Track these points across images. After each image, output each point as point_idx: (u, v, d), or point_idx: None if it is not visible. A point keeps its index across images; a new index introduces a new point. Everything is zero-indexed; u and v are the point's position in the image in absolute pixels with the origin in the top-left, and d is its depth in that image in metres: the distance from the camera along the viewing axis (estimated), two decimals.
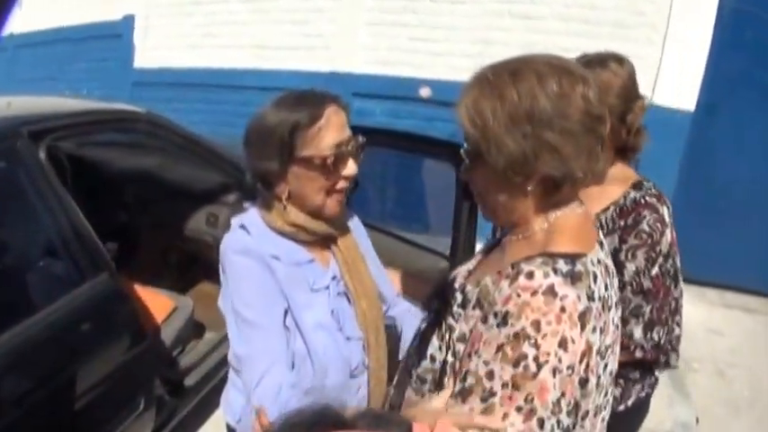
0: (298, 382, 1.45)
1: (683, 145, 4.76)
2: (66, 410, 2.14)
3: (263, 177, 1.48)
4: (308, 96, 1.47)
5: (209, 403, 2.98)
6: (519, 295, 1.05)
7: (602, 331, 1.08)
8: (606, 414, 1.19)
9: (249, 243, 1.46)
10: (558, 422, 1.01)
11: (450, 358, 1.18)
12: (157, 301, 2.82)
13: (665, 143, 4.24)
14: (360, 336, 1.57)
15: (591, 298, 1.07)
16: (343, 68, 5.80)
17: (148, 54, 6.88)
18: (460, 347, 1.16)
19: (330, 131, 1.44)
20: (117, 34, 7.06)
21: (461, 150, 1.20)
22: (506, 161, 1.10)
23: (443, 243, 2.72)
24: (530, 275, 1.06)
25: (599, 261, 1.15)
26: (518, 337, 1.02)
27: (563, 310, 1.02)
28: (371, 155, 1.61)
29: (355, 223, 1.73)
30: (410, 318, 1.76)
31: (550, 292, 1.04)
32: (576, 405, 1.04)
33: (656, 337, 1.71)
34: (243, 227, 1.49)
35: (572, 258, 1.10)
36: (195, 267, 3.48)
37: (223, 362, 2.81)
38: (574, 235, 1.16)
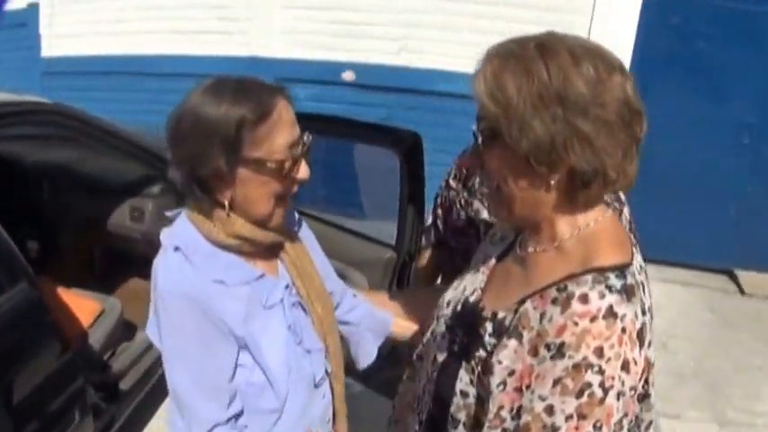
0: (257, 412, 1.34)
1: None
2: None
3: (202, 180, 1.26)
4: (252, 86, 1.27)
5: (150, 406, 2.89)
6: (576, 323, 0.97)
7: (651, 342, 1.04)
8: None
9: (184, 277, 1.27)
10: None
11: (485, 393, 1.09)
12: (83, 305, 2.68)
13: None
14: (320, 346, 1.46)
15: (644, 311, 1.01)
16: (262, 53, 5.66)
17: (56, 42, 6.53)
18: (498, 381, 1.06)
19: (283, 130, 1.26)
20: (21, 23, 6.68)
21: (476, 128, 1.09)
22: (530, 145, 1.00)
23: (383, 229, 2.71)
24: (584, 299, 0.98)
25: (641, 267, 1.08)
26: (579, 367, 0.96)
27: (624, 330, 0.97)
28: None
29: (296, 217, 1.58)
30: (374, 323, 1.69)
31: (610, 313, 0.97)
32: (637, 418, 1.02)
33: None
34: (178, 249, 1.28)
35: (621, 270, 1.02)
36: (121, 265, 3.32)
37: (159, 361, 2.64)
38: (614, 242, 1.08)
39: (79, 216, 3.16)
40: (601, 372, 0.95)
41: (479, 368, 1.11)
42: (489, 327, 1.12)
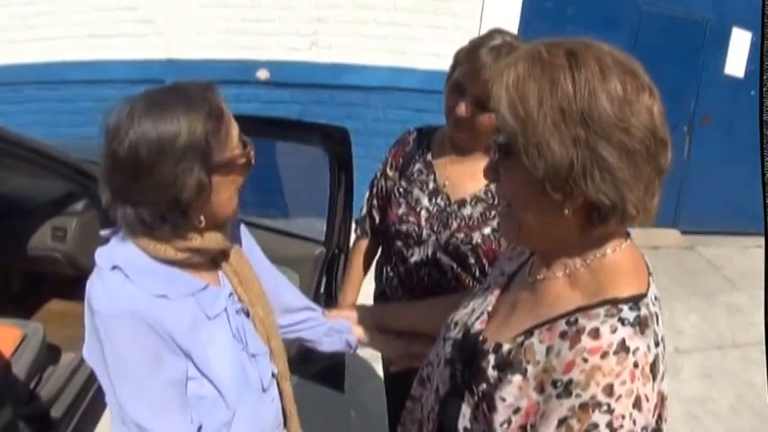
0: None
1: None
2: None
3: (184, 204, 1.06)
4: (189, 90, 1.09)
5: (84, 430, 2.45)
6: (586, 360, 0.81)
7: (664, 375, 0.86)
8: None
9: (125, 296, 1.06)
10: None
11: (488, 430, 0.91)
12: (2, 334, 2.23)
13: None
14: (265, 349, 1.29)
15: (657, 343, 0.85)
16: (178, 55, 5.10)
17: None
18: (502, 419, 0.89)
19: (232, 123, 1.14)
20: None
21: (495, 141, 0.89)
22: (547, 169, 0.81)
23: (310, 226, 2.49)
24: (595, 334, 0.82)
25: (656, 297, 0.90)
26: (586, 407, 0.79)
27: (636, 365, 0.80)
28: None
29: (237, 225, 1.38)
30: (334, 340, 1.54)
31: (622, 348, 0.81)
32: None
33: None
34: (116, 267, 1.08)
35: (635, 302, 0.86)
36: (41, 287, 2.87)
37: (89, 383, 2.32)
38: (630, 272, 0.90)
39: None
40: (609, 411, 0.78)
41: (483, 404, 0.93)
42: (492, 359, 0.94)
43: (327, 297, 2.40)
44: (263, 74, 4.98)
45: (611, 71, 0.81)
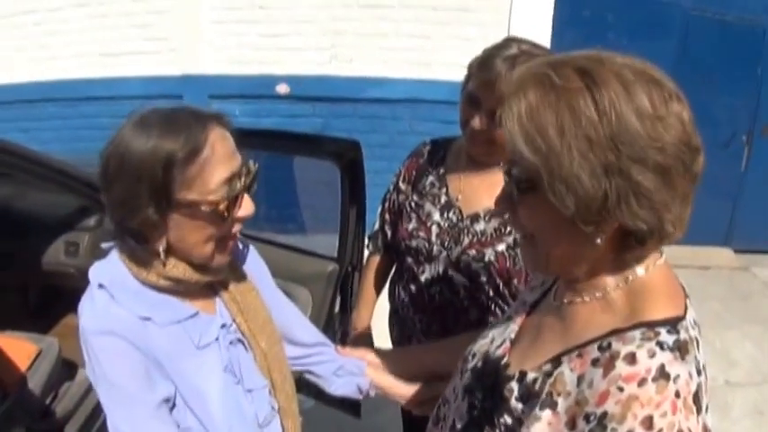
0: None
1: None
2: None
3: (134, 230, 1.10)
4: (182, 117, 1.08)
5: None
6: (621, 389, 0.77)
7: (708, 407, 0.83)
8: None
9: (110, 315, 1.10)
10: None
11: None
12: (18, 348, 2.40)
13: None
14: (263, 384, 1.29)
15: (699, 371, 0.81)
16: (194, 71, 5.37)
17: None
18: None
19: (217, 167, 1.08)
20: None
21: (506, 171, 0.88)
22: (578, 204, 0.79)
23: (323, 242, 2.58)
24: (631, 359, 0.79)
25: (695, 321, 0.88)
26: None
27: (677, 395, 0.76)
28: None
29: (242, 248, 1.39)
30: (340, 383, 1.51)
31: (662, 374, 0.77)
32: None
33: None
34: (102, 287, 1.12)
35: (674, 324, 0.83)
36: (57, 302, 3.03)
37: None
38: (666, 294, 0.88)
39: (11, 255, 2.86)
40: None
41: None
42: (516, 388, 0.91)
43: (342, 316, 2.50)
44: (282, 88, 5.19)
45: (634, 86, 0.79)
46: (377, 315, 2.15)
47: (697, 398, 0.78)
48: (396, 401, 1.54)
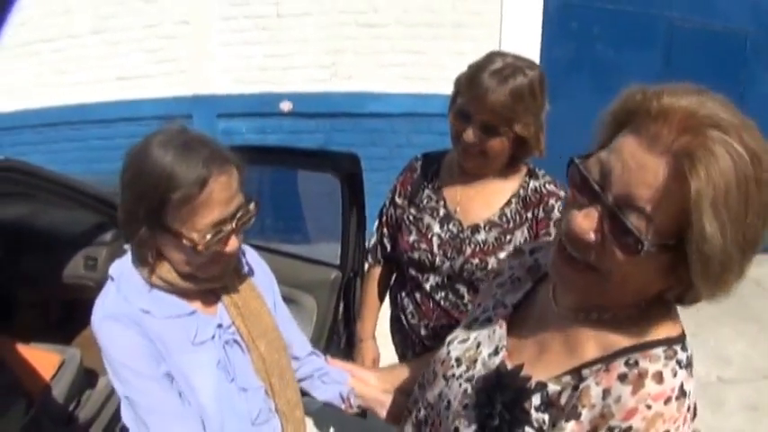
0: None
1: None
2: None
3: (132, 235, 1.19)
4: (195, 152, 1.13)
5: None
6: (649, 407, 0.79)
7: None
8: None
9: (115, 302, 1.20)
10: None
11: None
12: (43, 359, 2.47)
13: None
14: (258, 385, 1.33)
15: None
16: (203, 91, 5.43)
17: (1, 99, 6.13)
18: None
19: (208, 212, 1.13)
20: None
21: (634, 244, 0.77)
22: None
23: (326, 251, 2.61)
24: (659, 378, 0.80)
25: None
26: None
27: (689, 409, 0.82)
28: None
29: (248, 257, 1.43)
30: (323, 388, 1.54)
31: (682, 393, 0.81)
32: None
33: None
34: (112, 278, 1.25)
35: (684, 342, 0.86)
36: (78, 314, 3.06)
37: None
38: (671, 308, 0.89)
39: (34, 271, 2.91)
40: None
41: None
42: (536, 400, 0.89)
43: (346, 324, 2.53)
44: (286, 105, 5.24)
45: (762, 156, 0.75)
46: (380, 323, 2.16)
47: (695, 408, 0.83)
48: (377, 414, 1.52)
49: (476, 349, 1.05)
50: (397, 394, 1.47)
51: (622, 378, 0.82)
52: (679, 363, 0.82)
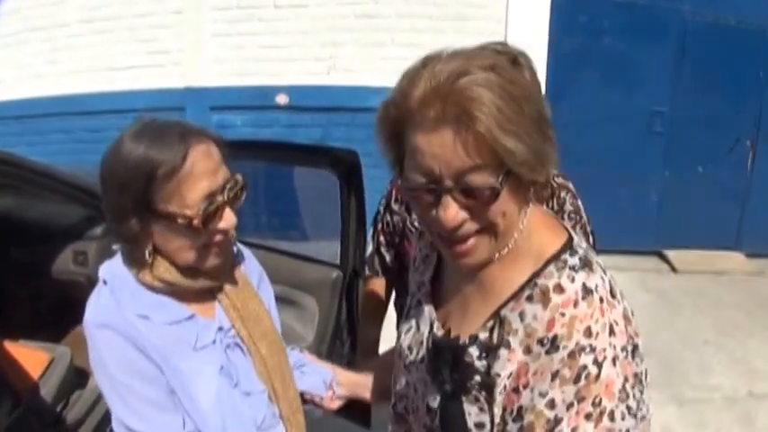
0: None
1: None
2: None
3: (122, 233, 1.18)
4: (170, 132, 1.15)
5: None
6: (563, 314, 0.92)
7: (623, 294, 1.00)
8: None
9: (108, 308, 1.18)
10: (628, 407, 0.93)
11: (498, 411, 0.99)
12: (31, 356, 2.46)
13: None
14: (262, 388, 1.33)
15: (604, 271, 0.99)
16: (196, 83, 5.46)
17: None
18: (500, 389, 0.98)
19: (196, 183, 1.14)
20: None
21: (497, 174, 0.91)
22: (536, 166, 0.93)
23: (326, 249, 2.62)
24: (559, 289, 0.94)
25: (576, 233, 1.06)
26: (573, 354, 0.91)
27: (601, 300, 0.93)
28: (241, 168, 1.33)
29: (243, 257, 1.44)
30: (305, 379, 1.52)
31: (586, 291, 0.94)
32: (635, 375, 0.96)
33: None
34: (105, 282, 1.21)
35: (570, 248, 1.00)
36: (68, 311, 3.04)
37: None
38: (550, 226, 1.05)
39: (22, 266, 2.92)
40: (593, 350, 0.91)
41: (482, 393, 1.01)
42: (475, 351, 1.01)
43: (350, 326, 2.52)
44: (282, 98, 5.28)
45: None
46: (387, 326, 2.15)
47: (612, 292, 0.96)
48: (361, 397, 1.55)
49: (417, 332, 1.18)
50: (378, 371, 1.51)
51: (530, 299, 0.96)
52: (573, 268, 0.96)
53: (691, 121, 5.53)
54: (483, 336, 1.01)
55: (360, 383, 1.55)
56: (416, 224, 1.87)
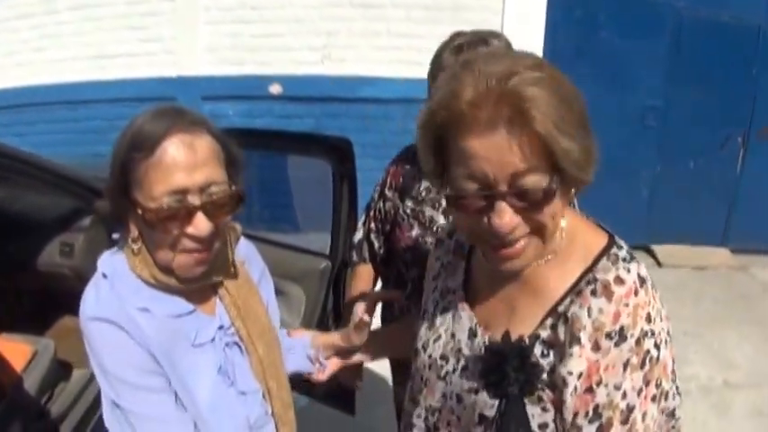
0: None
1: None
2: None
3: (116, 215, 1.15)
4: (174, 113, 1.10)
5: None
6: (627, 304, 0.95)
7: None
8: None
9: (108, 302, 1.14)
10: (677, 387, 1.02)
11: (568, 417, 0.98)
12: (14, 350, 2.42)
13: None
14: (256, 388, 1.30)
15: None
16: (188, 72, 5.40)
17: None
18: (571, 389, 0.97)
19: (167, 174, 1.05)
20: None
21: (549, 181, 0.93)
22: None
23: (315, 239, 2.60)
24: (619, 281, 0.97)
25: None
26: (639, 341, 0.95)
27: (653, 287, 0.99)
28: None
29: (246, 253, 1.41)
30: (288, 358, 1.48)
31: (641, 279, 0.98)
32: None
33: None
34: (105, 276, 1.17)
35: (615, 242, 1.04)
36: (52, 303, 3.02)
37: (99, 399, 2.47)
38: (588, 225, 1.08)
39: (6, 257, 2.86)
40: (653, 334, 0.96)
41: (546, 392, 1.01)
42: (538, 350, 1.02)
43: (336, 317, 2.48)
44: (275, 88, 5.24)
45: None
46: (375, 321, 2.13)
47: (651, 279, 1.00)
48: (351, 341, 1.54)
49: (453, 341, 1.15)
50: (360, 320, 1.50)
51: (594, 293, 0.97)
52: (624, 260, 1.00)
53: (684, 117, 5.53)
54: (545, 334, 1.01)
55: (342, 337, 1.55)
56: (408, 212, 1.85)
